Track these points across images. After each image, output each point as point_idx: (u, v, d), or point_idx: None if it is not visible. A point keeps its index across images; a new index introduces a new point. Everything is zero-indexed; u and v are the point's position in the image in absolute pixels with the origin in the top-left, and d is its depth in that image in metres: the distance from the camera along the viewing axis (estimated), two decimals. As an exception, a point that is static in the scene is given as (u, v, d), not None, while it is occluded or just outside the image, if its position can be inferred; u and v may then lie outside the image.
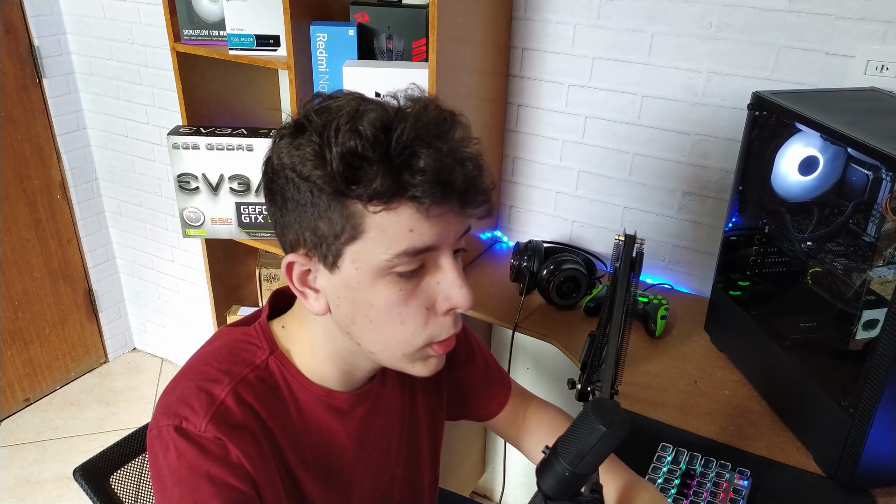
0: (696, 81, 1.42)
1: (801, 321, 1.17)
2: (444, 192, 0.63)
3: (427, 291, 0.68)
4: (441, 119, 0.65)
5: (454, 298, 0.68)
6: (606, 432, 0.62)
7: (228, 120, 1.80)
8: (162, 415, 0.70)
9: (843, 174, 1.17)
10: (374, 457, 0.85)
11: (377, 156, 0.61)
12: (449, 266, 0.68)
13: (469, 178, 0.65)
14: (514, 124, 1.67)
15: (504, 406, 1.01)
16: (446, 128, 0.65)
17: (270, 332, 0.78)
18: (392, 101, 0.67)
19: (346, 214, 0.64)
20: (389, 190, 0.61)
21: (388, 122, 0.62)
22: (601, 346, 0.96)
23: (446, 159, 0.62)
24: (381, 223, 0.63)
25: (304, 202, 0.65)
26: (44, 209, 2.38)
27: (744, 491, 1.00)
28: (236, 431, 0.70)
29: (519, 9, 1.55)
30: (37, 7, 2.19)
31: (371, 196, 0.62)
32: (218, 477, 0.68)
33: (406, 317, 0.68)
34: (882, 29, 1.23)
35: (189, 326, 2.61)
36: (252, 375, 0.74)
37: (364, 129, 0.61)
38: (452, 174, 0.63)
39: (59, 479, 2.20)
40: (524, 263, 1.49)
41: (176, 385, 0.73)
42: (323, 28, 1.45)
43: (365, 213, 0.63)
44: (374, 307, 0.68)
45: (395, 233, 0.64)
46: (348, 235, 0.64)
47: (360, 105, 0.64)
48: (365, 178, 0.61)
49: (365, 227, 0.64)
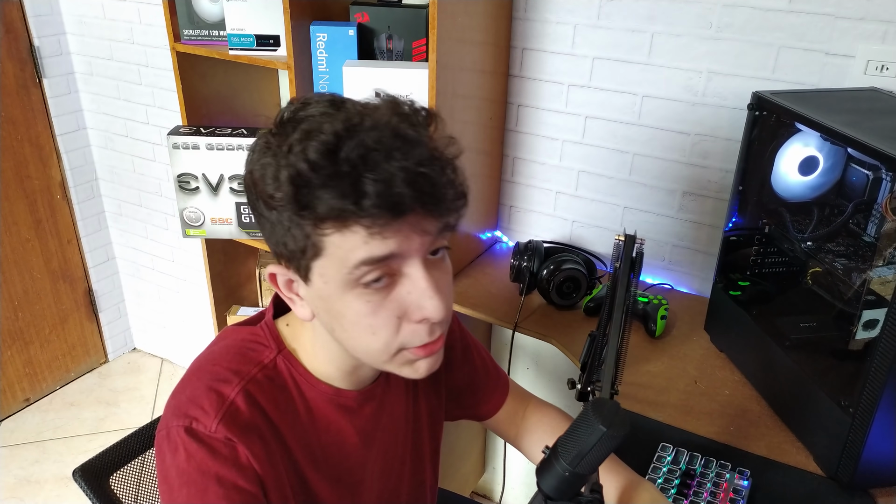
0: (696, 81, 1.42)
1: (801, 321, 1.17)
2: (393, 213, 0.61)
3: (398, 301, 0.67)
4: (402, 127, 0.63)
5: (425, 309, 0.66)
6: (606, 432, 0.62)
7: (228, 120, 1.80)
8: (172, 415, 0.70)
9: (843, 174, 1.17)
10: (381, 456, 0.85)
11: (322, 179, 0.60)
12: (419, 275, 0.66)
13: (427, 193, 0.61)
14: (514, 124, 1.67)
15: (502, 405, 1.01)
16: (409, 137, 0.62)
17: (277, 331, 0.78)
18: (365, 103, 0.67)
19: (306, 234, 0.64)
20: (336, 214, 0.61)
21: (337, 142, 0.60)
22: (601, 346, 0.96)
23: (395, 179, 0.59)
24: (335, 242, 0.63)
25: (273, 219, 0.65)
26: (44, 209, 2.38)
27: (744, 491, 1.00)
28: (246, 432, 0.70)
29: (519, 9, 1.55)
30: (37, 7, 2.19)
31: (318, 220, 0.62)
32: (227, 479, 0.68)
33: (377, 327, 0.67)
34: (882, 29, 1.23)
35: (189, 326, 2.61)
36: (261, 375, 0.74)
37: (310, 152, 0.60)
38: (401, 196, 0.60)
39: (59, 479, 2.20)
40: (524, 263, 1.49)
41: (186, 385, 0.73)
42: (323, 28, 1.45)
43: (321, 233, 0.63)
44: (346, 318, 0.67)
45: (349, 247, 0.63)
46: (311, 252, 0.65)
47: (321, 118, 0.63)
48: (312, 204, 0.61)
49: (324, 245, 0.64)
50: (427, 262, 0.67)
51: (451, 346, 0.95)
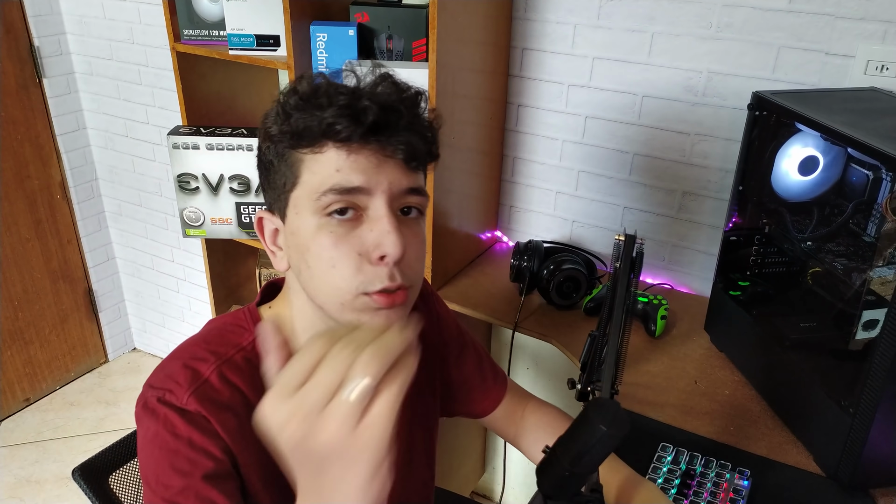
0: (696, 81, 1.42)
1: (801, 321, 1.17)
2: (356, 125, 0.65)
3: (360, 238, 0.69)
4: (381, 85, 0.70)
5: (383, 245, 0.68)
6: (606, 432, 0.61)
7: (228, 120, 1.80)
8: (148, 388, 0.74)
9: (843, 174, 1.17)
10: None
11: (304, 105, 0.68)
12: (382, 213, 0.68)
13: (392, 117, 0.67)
14: (514, 124, 1.67)
15: (499, 403, 1.01)
16: (387, 89, 0.69)
17: (259, 315, 0.81)
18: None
19: (289, 163, 0.69)
20: (309, 130, 0.67)
21: (324, 83, 0.69)
22: (601, 346, 0.96)
23: (362, 98, 0.66)
24: (311, 167, 0.68)
25: (270, 158, 0.72)
26: (44, 209, 2.38)
27: (744, 491, 1.00)
28: (219, 408, 0.72)
29: (519, 9, 1.55)
30: (37, 7, 2.19)
31: (296, 137, 0.68)
32: (198, 443, 0.70)
33: (336, 260, 0.68)
34: (882, 29, 1.23)
35: (189, 326, 2.61)
36: (239, 356, 0.76)
37: (301, 88, 0.69)
38: (365, 110, 0.65)
39: (59, 479, 2.20)
40: (524, 263, 1.49)
41: (165, 364, 0.76)
42: (323, 28, 1.45)
43: (300, 159, 0.68)
44: (310, 250, 0.69)
45: (323, 173, 0.67)
46: (290, 183, 0.70)
47: (317, 75, 0.71)
48: (293, 127, 0.68)
49: (300, 172, 0.69)
50: (395, 211, 0.70)
51: (446, 342, 0.95)
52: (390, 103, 0.68)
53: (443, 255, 1.55)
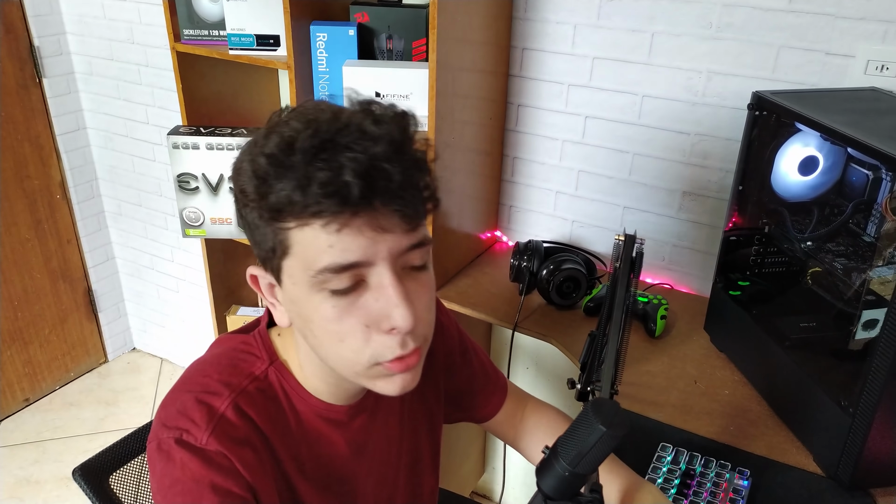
0: (696, 81, 1.42)
1: (801, 321, 1.17)
2: (341, 203, 0.58)
3: (366, 308, 0.64)
4: (362, 124, 0.61)
5: (392, 318, 0.64)
6: (606, 432, 0.62)
7: (228, 120, 1.80)
8: (161, 427, 0.70)
9: (843, 174, 1.17)
10: (375, 465, 0.84)
11: (277, 172, 0.60)
12: (387, 283, 0.63)
13: (381, 186, 0.59)
14: (514, 124, 1.67)
15: (500, 407, 1.01)
16: (364, 132, 0.60)
17: (270, 342, 0.78)
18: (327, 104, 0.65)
19: (272, 232, 0.63)
20: (290, 206, 0.60)
21: (293, 136, 0.60)
22: (601, 346, 0.96)
23: (345, 168, 0.58)
24: (299, 239, 0.62)
25: (248, 218, 0.66)
26: (44, 209, 2.38)
27: (744, 491, 1.00)
28: (237, 444, 0.69)
29: (519, 9, 1.55)
30: (37, 7, 2.19)
31: (275, 213, 0.61)
32: (222, 486, 0.67)
33: (344, 334, 0.65)
34: (882, 29, 1.23)
35: (189, 326, 2.61)
36: (252, 387, 0.73)
37: (269, 145, 0.60)
38: (349, 184, 0.58)
39: (59, 479, 2.20)
40: (524, 263, 1.49)
41: (175, 397, 0.72)
42: (323, 28, 1.45)
43: (285, 229, 0.62)
44: (314, 322, 0.66)
45: (314, 249, 0.61)
46: (280, 251, 0.64)
47: (293, 116, 0.62)
48: (270, 199, 0.61)
49: (290, 243, 0.63)
50: (399, 272, 0.65)
51: (450, 352, 0.95)
52: (377, 165, 0.59)
53: (443, 255, 1.55)
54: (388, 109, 0.64)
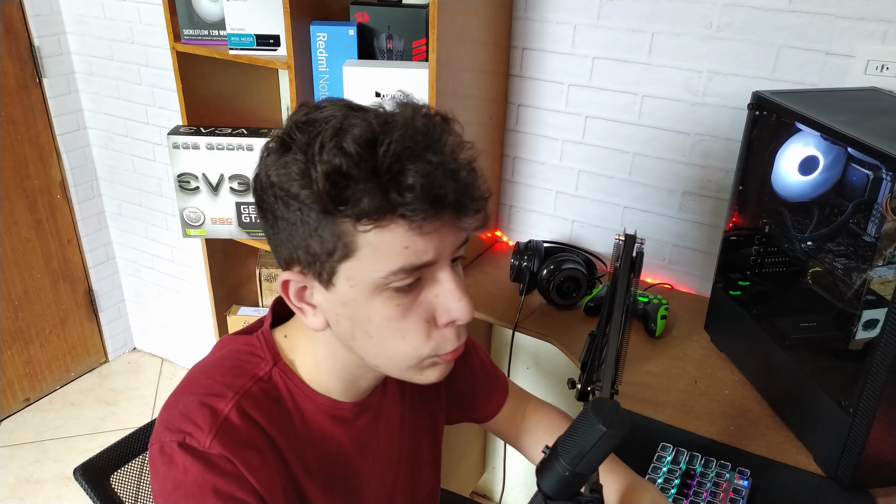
0: (696, 81, 1.42)
1: (801, 321, 1.17)
2: (435, 208, 0.60)
3: (426, 304, 0.67)
4: (430, 127, 0.63)
5: (453, 311, 0.67)
6: (606, 432, 0.62)
7: (228, 120, 1.80)
8: (164, 430, 0.69)
9: (843, 174, 1.17)
10: (377, 464, 0.85)
11: (363, 174, 0.59)
12: (447, 278, 0.66)
13: (461, 189, 0.62)
14: (514, 124, 1.67)
15: (501, 407, 1.01)
16: (436, 136, 0.63)
17: (273, 343, 0.77)
18: (380, 109, 0.65)
19: (337, 233, 0.62)
20: (378, 209, 0.60)
21: (374, 136, 0.60)
22: (601, 345, 0.96)
23: (436, 172, 0.60)
24: (373, 241, 0.62)
25: (295, 220, 0.63)
26: (44, 209, 2.38)
27: (744, 491, 1.00)
28: (241, 446, 0.69)
29: (519, 9, 1.55)
30: (37, 7, 2.19)
31: (359, 215, 0.60)
32: (225, 490, 0.67)
33: (406, 331, 0.67)
34: (882, 29, 1.23)
35: (189, 326, 2.61)
36: (256, 388, 0.73)
37: (348, 145, 0.59)
38: (443, 188, 0.60)
39: (59, 479, 2.20)
40: (524, 263, 1.49)
41: (178, 399, 0.72)
42: (323, 28, 1.45)
43: (354, 231, 0.61)
44: (373, 323, 0.67)
45: (388, 250, 0.62)
46: (341, 253, 0.63)
47: (345, 118, 0.62)
48: (352, 198, 0.60)
49: (357, 245, 0.62)
50: (455, 270, 0.67)
51: None
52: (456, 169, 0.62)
53: (443, 255, 1.55)
54: (435, 114, 0.66)
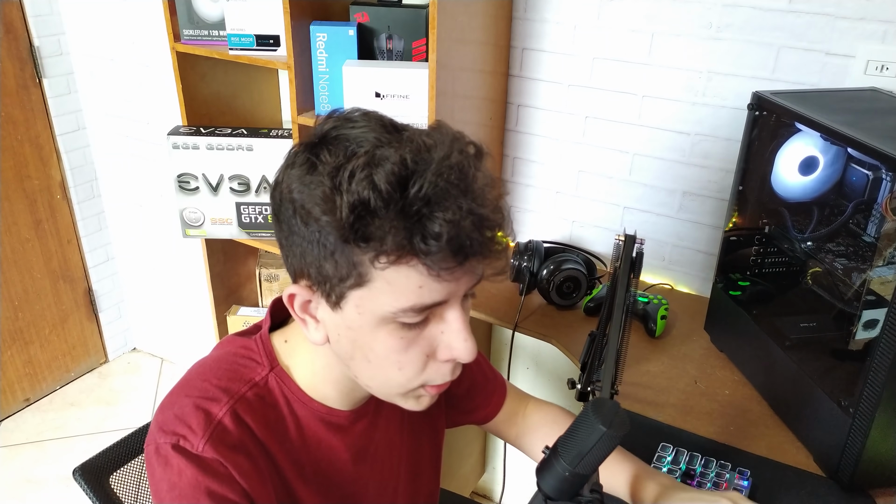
0: (696, 81, 1.42)
1: (801, 321, 1.17)
2: (458, 257, 0.60)
3: (429, 339, 0.67)
4: (465, 165, 0.60)
5: (456, 350, 0.66)
6: (606, 432, 0.62)
7: (228, 120, 1.80)
8: (159, 431, 0.70)
9: (843, 174, 1.17)
10: (375, 470, 0.85)
11: (390, 213, 0.57)
12: (455, 317, 0.65)
13: (488, 240, 0.61)
14: (514, 124, 1.67)
15: (501, 406, 1.01)
16: (469, 175, 0.60)
17: (271, 347, 0.77)
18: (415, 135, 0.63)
19: (354, 262, 0.61)
20: (400, 250, 0.58)
21: (406, 173, 0.58)
22: (601, 346, 0.96)
23: (465, 222, 0.58)
24: (388, 277, 0.61)
25: (311, 240, 0.62)
26: (44, 209, 2.38)
27: (744, 491, 1.00)
28: (233, 452, 0.69)
29: (519, 9, 1.55)
30: (37, 7, 2.19)
31: (379, 253, 0.59)
32: (218, 492, 0.68)
33: (405, 363, 0.67)
34: (882, 29, 1.23)
35: (189, 326, 2.61)
36: (251, 393, 0.73)
37: (379, 180, 0.57)
38: (469, 239, 0.59)
39: (59, 479, 2.20)
40: (524, 263, 1.49)
41: (174, 400, 0.72)
42: (323, 28, 1.45)
43: (370, 263, 0.60)
44: (374, 351, 0.67)
45: (403, 288, 0.61)
46: (354, 281, 0.62)
47: (378, 145, 0.60)
48: (375, 235, 0.58)
49: (372, 278, 0.61)
50: (462, 302, 0.66)
51: None
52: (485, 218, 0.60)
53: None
54: (469, 143, 0.64)
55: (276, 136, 1.67)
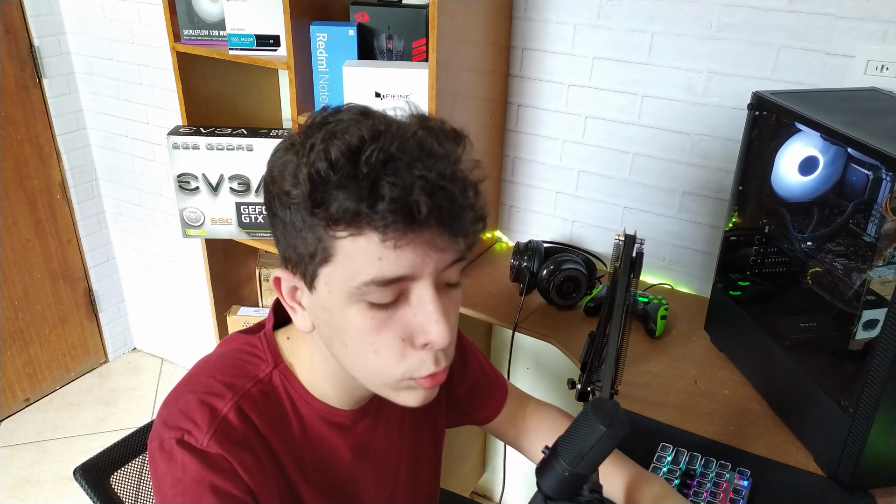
0: (696, 81, 1.42)
1: (801, 321, 1.17)
2: (408, 222, 0.59)
3: (403, 322, 0.65)
4: (428, 140, 0.61)
5: (429, 333, 0.64)
6: (606, 432, 0.62)
7: (228, 120, 1.80)
8: (163, 426, 0.70)
9: (843, 174, 1.17)
10: (377, 469, 0.85)
11: (340, 179, 0.59)
12: (428, 299, 0.64)
13: (444, 207, 0.60)
14: (514, 124, 1.67)
15: (501, 408, 1.01)
16: (432, 150, 0.61)
17: (275, 344, 0.78)
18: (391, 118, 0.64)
19: (318, 236, 0.62)
20: (349, 216, 0.59)
21: (361, 143, 0.59)
22: (601, 346, 0.96)
23: (416, 185, 0.58)
24: (347, 249, 0.61)
25: (286, 219, 0.64)
26: (44, 209, 2.38)
27: (744, 491, 1.00)
28: (237, 447, 0.69)
29: (519, 9, 1.55)
30: (37, 7, 2.19)
31: (331, 221, 0.60)
32: (222, 488, 0.68)
33: (379, 346, 0.66)
34: (882, 29, 1.23)
35: (189, 326, 2.61)
36: (255, 390, 0.73)
37: (333, 150, 0.59)
38: (419, 203, 0.58)
39: (59, 479, 2.20)
40: (524, 263, 1.49)
41: (179, 396, 0.73)
42: (323, 28, 1.45)
43: (332, 236, 0.61)
44: (348, 332, 0.66)
45: (362, 260, 0.61)
46: (321, 257, 0.63)
47: (349, 124, 0.62)
48: (325, 202, 0.59)
49: (334, 251, 0.62)
50: (438, 288, 0.65)
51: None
52: (443, 185, 0.59)
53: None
54: (445, 126, 0.64)
55: (276, 136, 1.67)
